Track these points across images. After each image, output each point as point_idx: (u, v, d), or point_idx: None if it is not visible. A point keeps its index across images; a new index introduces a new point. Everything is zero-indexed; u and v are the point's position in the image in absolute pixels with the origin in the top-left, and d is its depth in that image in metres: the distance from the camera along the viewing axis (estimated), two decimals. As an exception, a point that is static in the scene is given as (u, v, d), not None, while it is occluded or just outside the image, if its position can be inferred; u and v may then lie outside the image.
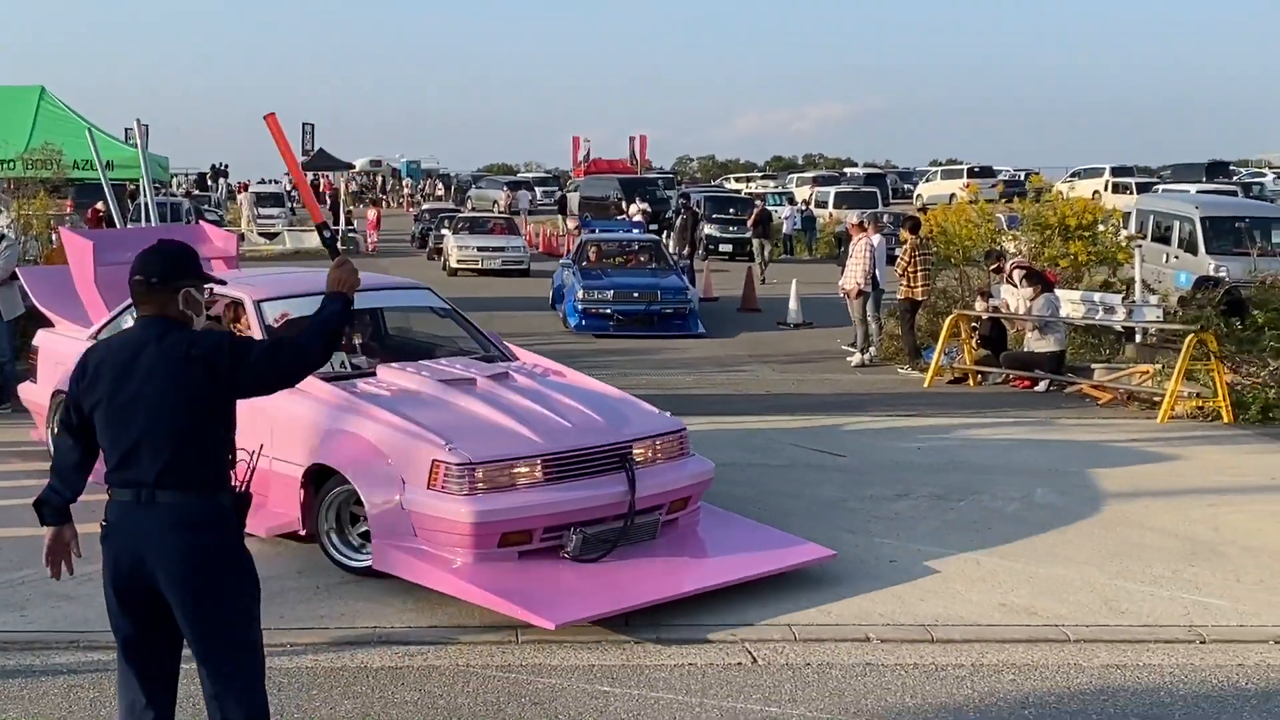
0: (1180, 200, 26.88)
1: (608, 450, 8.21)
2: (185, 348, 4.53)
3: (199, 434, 4.55)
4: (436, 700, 6.27)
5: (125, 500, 4.56)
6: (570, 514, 7.87)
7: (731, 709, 6.23)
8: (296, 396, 8.21)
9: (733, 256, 38.19)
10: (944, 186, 62.26)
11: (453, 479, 7.60)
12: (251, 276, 10.87)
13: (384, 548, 7.82)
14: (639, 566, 8.03)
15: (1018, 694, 6.47)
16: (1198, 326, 14.72)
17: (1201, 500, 10.22)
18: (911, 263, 18.03)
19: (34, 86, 24.00)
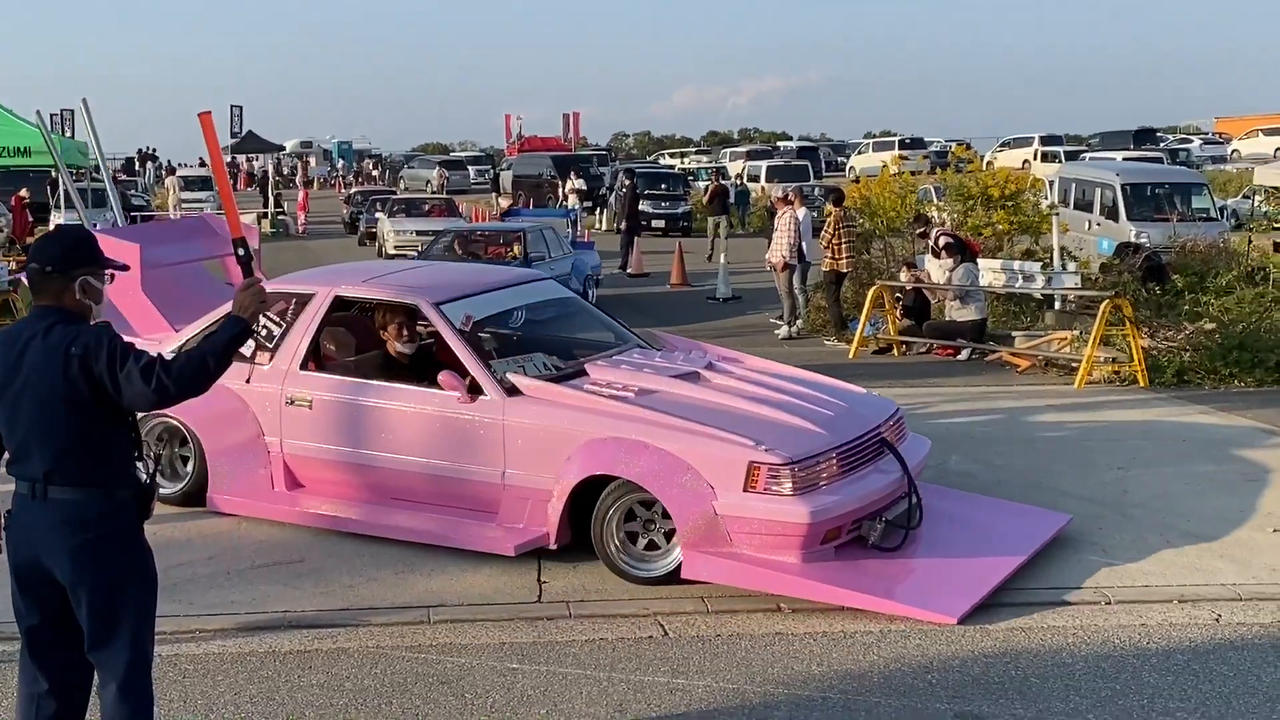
0: (1102, 168, 27.14)
1: (871, 437, 8.11)
2: (67, 344, 4.44)
3: (86, 431, 4.49)
4: (344, 682, 6.27)
5: (23, 494, 4.55)
6: (870, 504, 7.77)
7: (639, 681, 6.27)
8: (539, 407, 8.08)
9: (665, 233, 38.16)
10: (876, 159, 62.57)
11: (776, 479, 7.34)
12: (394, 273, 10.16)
13: (695, 556, 7.44)
14: (934, 540, 8.04)
15: (921, 658, 6.55)
16: (1113, 292, 14.86)
17: (1113, 463, 10.34)
18: (835, 235, 18.09)
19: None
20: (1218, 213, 25.00)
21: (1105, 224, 23.28)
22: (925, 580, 7.69)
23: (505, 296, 9.62)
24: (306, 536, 8.51)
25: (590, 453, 7.77)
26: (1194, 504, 9.23)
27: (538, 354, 9.06)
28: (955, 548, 8.09)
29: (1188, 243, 19.71)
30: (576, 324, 10.14)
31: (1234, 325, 14.56)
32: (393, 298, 9.08)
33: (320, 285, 9.29)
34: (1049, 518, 8.70)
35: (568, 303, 10.27)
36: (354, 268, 10.93)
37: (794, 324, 18.65)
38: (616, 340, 9.67)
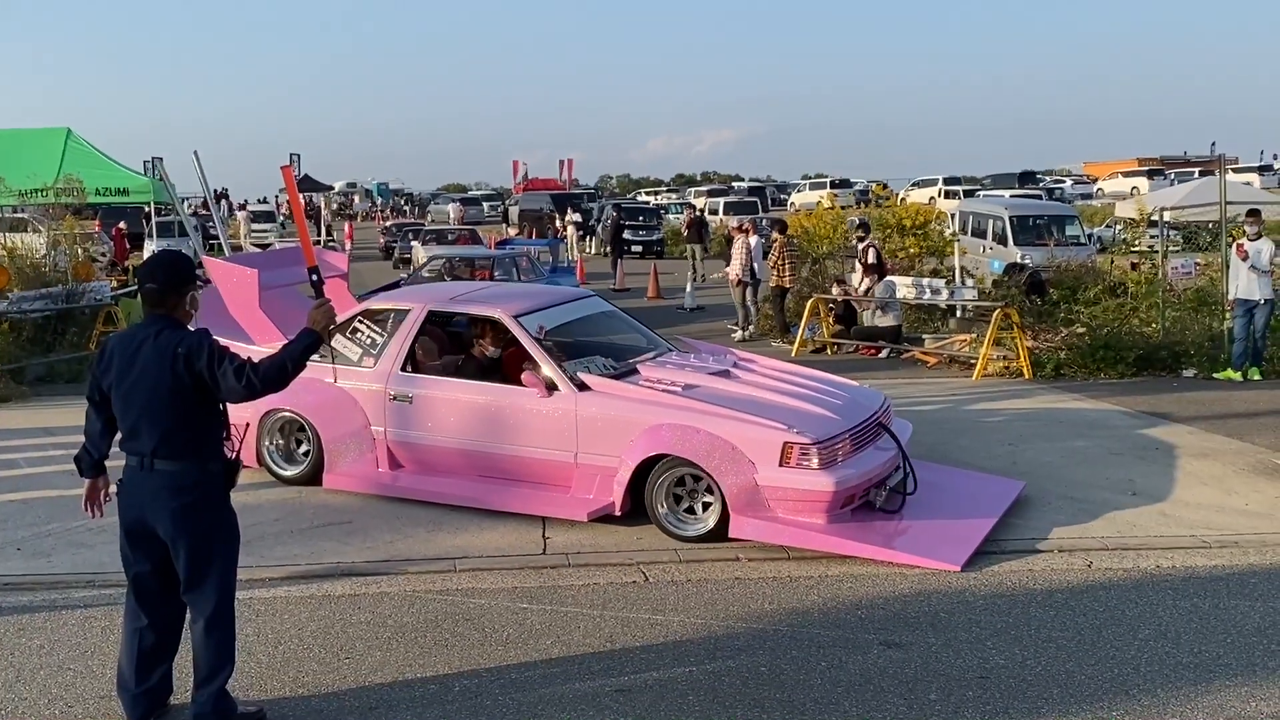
0: (993, 203, 27.15)
1: (873, 421, 8.18)
2: (174, 344, 4.55)
3: (187, 415, 4.59)
4: (386, 619, 6.24)
5: (133, 465, 4.66)
6: (875, 476, 7.84)
7: (625, 618, 6.25)
8: (605, 399, 8.08)
9: (643, 255, 38.10)
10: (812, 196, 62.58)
11: (806, 456, 7.43)
12: (474, 292, 10.00)
13: (741, 520, 7.50)
14: (922, 505, 8.05)
15: (852, 597, 6.55)
16: (1003, 303, 14.89)
17: (1004, 440, 10.36)
18: (780, 257, 18.08)
19: (61, 128, 23.53)
20: (1086, 239, 25.03)
21: (996, 248, 23.29)
22: (924, 536, 7.66)
23: (565, 310, 9.57)
24: (355, 502, 8.47)
25: (652, 436, 7.79)
26: (1069, 473, 9.24)
27: (596, 356, 9.03)
28: (941, 510, 8.10)
29: (1062, 263, 19.73)
30: (619, 332, 10.06)
31: (1100, 329, 14.57)
32: (478, 312, 9.09)
33: (415, 302, 9.27)
34: (1009, 484, 8.80)
35: (611, 315, 10.19)
36: (440, 287, 10.83)
37: (747, 329, 18.63)
38: (651, 345, 9.62)
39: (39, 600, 6.58)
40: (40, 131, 23.70)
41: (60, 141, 22.89)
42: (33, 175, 20.57)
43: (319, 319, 4.86)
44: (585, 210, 47.52)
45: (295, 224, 5.70)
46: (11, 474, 9.42)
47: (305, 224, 5.73)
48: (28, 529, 7.91)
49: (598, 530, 7.79)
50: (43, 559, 7.29)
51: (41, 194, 20.81)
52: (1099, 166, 79.43)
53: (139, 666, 4.75)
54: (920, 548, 7.39)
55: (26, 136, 23.31)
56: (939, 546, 7.41)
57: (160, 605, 4.79)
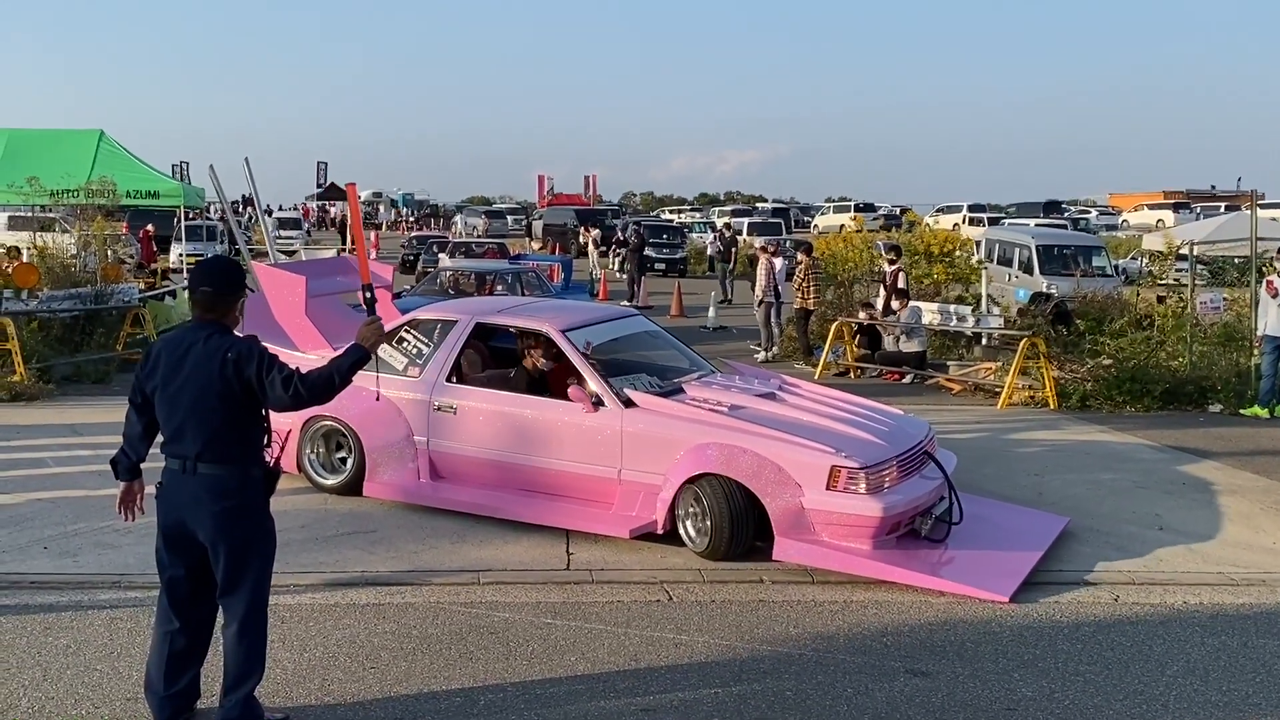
0: (1019, 232, 27.13)
1: (919, 449, 8.11)
2: (225, 349, 4.58)
3: (232, 420, 4.61)
4: (411, 630, 6.24)
5: (174, 469, 4.66)
6: (921, 504, 7.77)
7: (650, 636, 6.23)
8: (652, 417, 8.04)
9: (665, 273, 38.12)
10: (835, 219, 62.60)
11: (854, 481, 7.37)
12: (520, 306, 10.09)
13: (786, 543, 7.42)
14: (967, 536, 7.94)
15: (877, 624, 6.52)
16: (1030, 332, 14.83)
17: (1029, 470, 10.29)
18: (805, 279, 18.09)
19: (94, 130, 23.70)
20: (1112, 270, 24.95)
21: (1022, 277, 23.23)
22: (971, 566, 7.56)
23: (611, 327, 9.53)
24: (380, 512, 8.48)
25: (698, 455, 7.70)
26: (1095, 505, 9.19)
27: (641, 374, 8.99)
28: (985, 541, 8.00)
29: (1088, 294, 19.63)
30: (663, 351, 10.00)
31: (1126, 362, 14.48)
32: (526, 325, 9.05)
33: (463, 314, 9.28)
34: (1053, 519, 8.68)
35: (655, 334, 10.16)
36: (486, 301, 10.79)
37: (770, 350, 18.62)
38: (694, 366, 9.56)
39: (65, 600, 6.60)
40: (73, 133, 23.87)
41: (93, 143, 23.05)
42: (66, 176, 20.70)
43: (369, 335, 4.89)
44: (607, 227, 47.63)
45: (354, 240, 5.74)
46: (39, 473, 9.46)
47: (364, 239, 5.76)
48: (55, 528, 7.94)
49: (621, 547, 7.78)
50: (69, 559, 7.32)
51: (73, 194, 20.92)
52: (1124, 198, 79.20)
53: (168, 670, 4.75)
54: (969, 577, 7.29)
55: (60, 137, 23.47)
56: (987, 577, 7.30)
57: (192, 609, 4.80)
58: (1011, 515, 8.78)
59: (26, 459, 9.96)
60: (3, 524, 8.02)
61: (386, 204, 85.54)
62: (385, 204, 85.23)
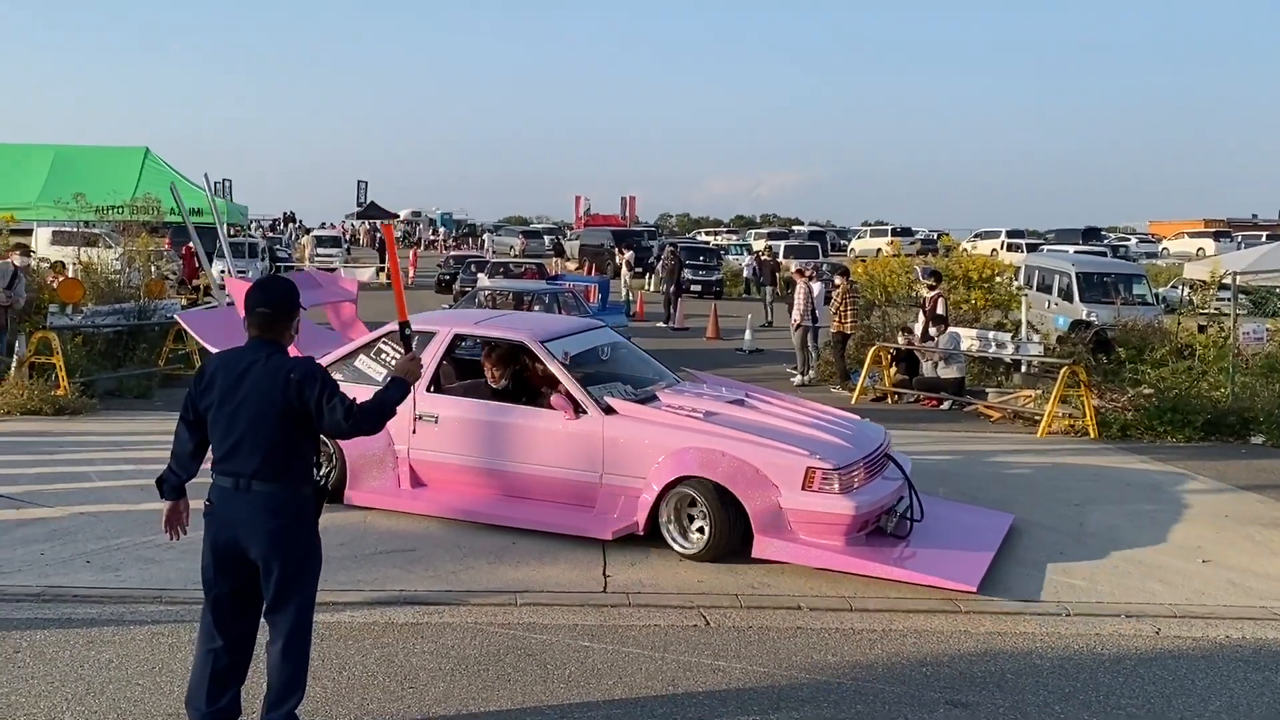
0: (1059, 259, 26.95)
1: (881, 451, 8.55)
2: (287, 369, 4.62)
3: (289, 439, 4.63)
4: (449, 650, 6.25)
5: (225, 486, 4.66)
6: (886, 503, 8.21)
7: (687, 662, 6.21)
8: (632, 423, 8.38)
9: (701, 295, 38.13)
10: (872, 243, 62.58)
11: (828, 481, 7.78)
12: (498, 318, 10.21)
13: (765, 541, 7.83)
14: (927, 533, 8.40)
15: (917, 654, 6.46)
16: (1071, 360, 14.74)
17: (1070, 500, 10.20)
18: (843, 303, 18.03)
19: (139, 147, 24.01)
20: (1153, 298, 24.76)
21: (1062, 304, 23.08)
22: (937, 560, 7.93)
23: (584, 338, 9.78)
24: (418, 530, 8.51)
25: (678, 459, 8.08)
26: (1136, 536, 9.10)
27: (616, 383, 9.20)
28: (943, 537, 8.41)
29: (1129, 322, 19.50)
30: (631, 362, 10.25)
31: (1168, 392, 14.37)
32: (505, 337, 9.26)
33: (442, 325, 9.45)
34: (1000, 516, 9.27)
35: (622, 345, 10.47)
36: (465, 313, 11.07)
37: (807, 374, 18.57)
38: (660, 375, 9.81)
39: (107, 614, 6.65)
40: (119, 150, 24.21)
41: (139, 160, 23.37)
42: (112, 193, 20.99)
43: (409, 370, 5.01)
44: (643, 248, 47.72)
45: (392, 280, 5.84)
46: (83, 486, 9.56)
47: (401, 280, 5.83)
48: (98, 542, 8.01)
49: (657, 570, 7.77)
50: (112, 573, 7.38)
51: (118, 211, 21.21)
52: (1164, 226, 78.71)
53: (211, 687, 4.76)
54: (937, 570, 7.71)
55: (106, 154, 23.82)
56: (954, 569, 7.73)
57: (235, 627, 4.81)
58: (963, 513, 9.32)
59: (70, 473, 10.07)
60: (46, 537, 8.11)
61: (425, 223, 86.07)
62: (424, 223, 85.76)
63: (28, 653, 6.02)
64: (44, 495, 9.23)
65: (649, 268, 44.66)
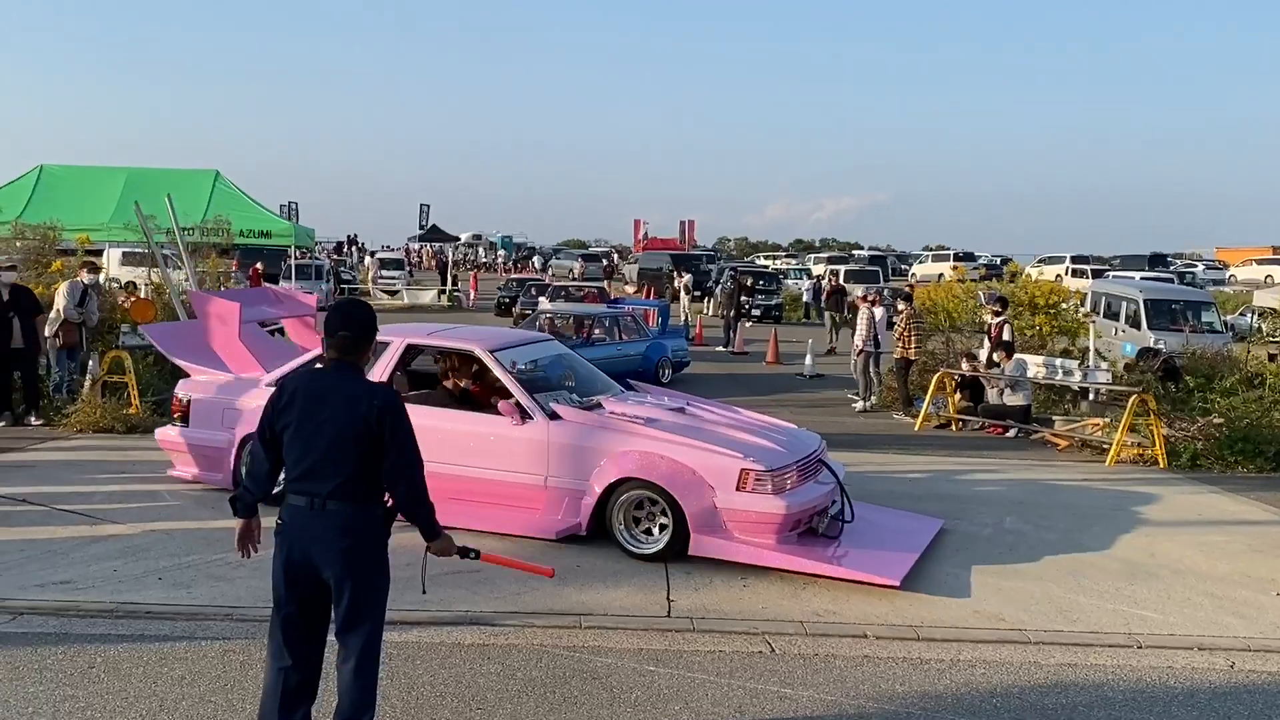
0: (1127, 285, 26.62)
1: (815, 456, 8.98)
2: (370, 395, 4.68)
3: (366, 461, 4.65)
4: (515, 672, 6.26)
5: (299, 505, 4.69)
6: (818, 505, 8.64)
7: (754, 689, 6.17)
8: (576, 428, 8.82)
9: (760, 320, 38.07)
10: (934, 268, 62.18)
11: (761, 482, 8.24)
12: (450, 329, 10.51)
13: (700, 539, 8.30)
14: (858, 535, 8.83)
15: (987, 685, 6.38)
16: (1140, 389, 14.54)
17: (1140, 530, 10.05)
18: (906, 329, 17.91)
19: (210, 170, 24.43)
20: (1222, 326, 24.40)
21: (1129, 331, 22.79)
22: (865, 558, 8.32)
23: (531, 349, 10.43)
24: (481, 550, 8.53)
25: (619, 462, 8.56)
26: (1208, 567, 8.96)
27: (563, 391, 9.76)
28: (874, 538, 8.87)
29: (1197, 350, 19.22)
30: (578, 372, 10.67)
31: (1238, 421, 14.14)
32: (457, 347, 9.67)
33: (395, 336, 9.82)
34: (929, 521, 9.70)
35: (569, 357, 10.95)
36: (417, 325, 11.31)
37: (869, 400, 18.45)
38: (606, 386, 10.29)
39: (179, 630, 6.74)
40: (190, 172, 24.65)
41: (209, 183, 23.79)
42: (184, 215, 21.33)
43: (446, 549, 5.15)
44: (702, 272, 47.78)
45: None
46: (154, 504, 9.72)
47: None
48: (169, 559, 8.13)
49: (721, 595, 7.75)
50: (183, 590, 7.48)
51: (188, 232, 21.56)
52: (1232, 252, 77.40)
53: (283, 706, 4.78)
54: (863, 566, 8.11)
55: (177, 177, 24.23)
56: (880, 567, 8.12)
57: (305, 645, 4.82)
58: (895, 517, 9.73)
59: (142, 490, 10.23)
60: (119, 554, 8.24)
61: (486, 246, 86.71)
62: (485, 246, 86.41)
63: (102, 668, 6.11)
64: (116, 512, 9.39)
65: (707, 291, 44.73)
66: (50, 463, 11.51)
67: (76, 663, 6.17)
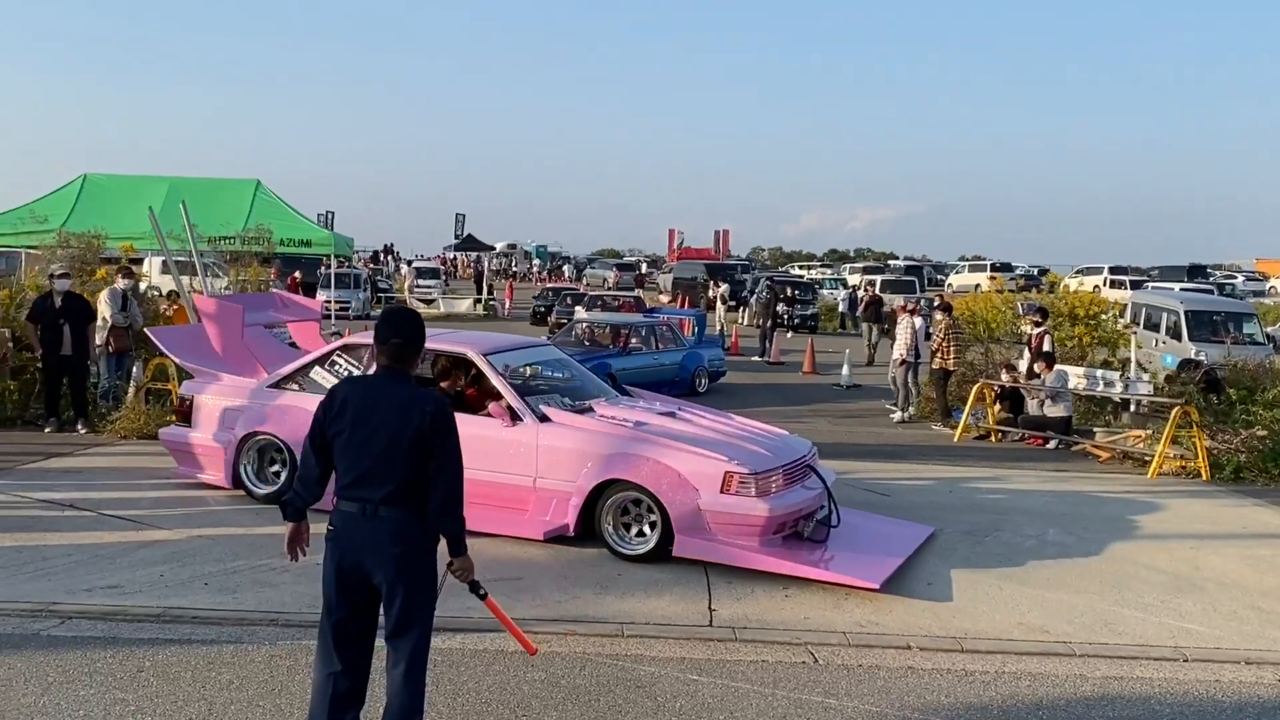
0: (1168, 296, 26.42)
1: (803, 461, 9.10)
2: (422, 401, 4.70)
3: (418, 467, 4.67)
4: (560, 680, 6.28)
5: (351, 512, 4.72)
6: (804, 508, 8.76)
7: (798, 699, 6.16)
8: (565, 430, 8.98)
9: (796, 329, 37.98)
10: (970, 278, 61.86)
11: (745, 485, 8.35)
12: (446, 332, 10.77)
13: (684, 540, 8.43)
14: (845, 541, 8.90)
15: (1032, 698, 6.34)
16: (1183, 400, 14.42)
17: (1184, 543, 9.97)
18: (945, 339, 17.84)
19: (251, 180, 24.62)
20: (1264, 338, 24.14)
21: (1170, 342, 22.59)
22: (846, 562, 8.41)
23: (525, 353, 10.73)
24: (524, 558, 8.57)
25: (605, 463, 8.72)
26: (1255, 580, 8.88)
27: (554, 394, 9.94)
28: (861, 544, 8.92)
29: (1239, 362, 19.03)
30: (574, 377, 10.83)
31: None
32: (451, 349, 9.81)
33: None
34: (919, 528, 9.74)
35: (565, 362, 11.16)
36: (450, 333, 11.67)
37: (907, 410, 18.38)
38: (601, 390, 10.44)
39: (226, 635, 6.79)
40: (232, 182, 24.84)
41: (250, 192, 23.96)
42: (225, 223, 21.53)
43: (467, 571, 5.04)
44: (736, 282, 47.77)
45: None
46: (199, 510, 9.81)
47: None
48: (215, 564, 8.20)
49: (763, 605, 7.74)
50: (229, 595, 7.54)
51: (229, 241, 21.76)
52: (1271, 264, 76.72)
53: (332, 710, 4.81)
54: (845, 570, 8.20)
55: (219, 186, 24.43)
56: (861, 570, 8.20)
57: (354, 651, 4.85)
58: (886, 524, 9.83)
59: (187, 496, 10.32)
60: (165, 559, 8.32)
61: (520, 255, 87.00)
62: (519, 255, 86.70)
63: (151, 672, 6.17)
64: (162, 518, 9.48)
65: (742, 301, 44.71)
66: (96, 469, 11.64)
67: (125, 666, 6.24)
